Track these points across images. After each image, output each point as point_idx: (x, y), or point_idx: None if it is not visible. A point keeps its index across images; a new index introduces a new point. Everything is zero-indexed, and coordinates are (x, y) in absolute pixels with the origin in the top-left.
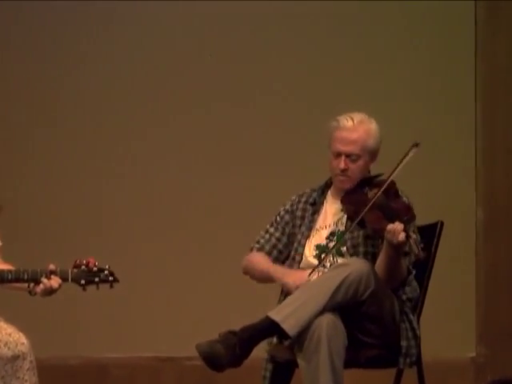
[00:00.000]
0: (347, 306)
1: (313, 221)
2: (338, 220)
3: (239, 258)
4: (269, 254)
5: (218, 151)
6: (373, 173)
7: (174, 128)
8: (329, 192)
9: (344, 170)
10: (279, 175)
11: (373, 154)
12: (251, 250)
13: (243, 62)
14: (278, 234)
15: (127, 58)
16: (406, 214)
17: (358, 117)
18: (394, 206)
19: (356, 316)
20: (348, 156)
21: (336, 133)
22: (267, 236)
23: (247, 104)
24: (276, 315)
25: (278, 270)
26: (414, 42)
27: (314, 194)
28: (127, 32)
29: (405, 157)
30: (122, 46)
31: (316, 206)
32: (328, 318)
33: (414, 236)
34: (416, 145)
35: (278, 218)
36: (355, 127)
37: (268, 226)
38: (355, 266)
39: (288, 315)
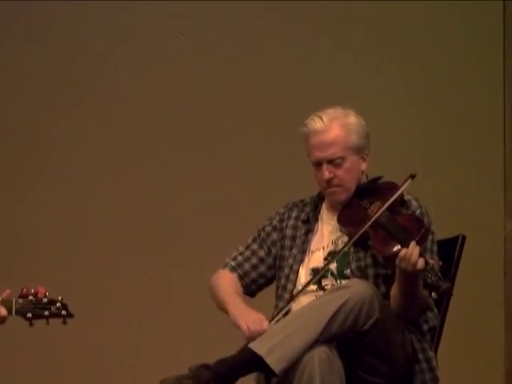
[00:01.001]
0: (346, 338)
1: (306, 242)
2: (338, 239)
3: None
4: (244, 275)
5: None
6: (371, 175)
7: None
8: (323, 206)
9: (330, 180)
10: (270, 184)
11: (360, 151)
12: (225, 266)
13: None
14: (262, 254)
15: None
16: (418, 231)
17: (328, 113)
18: (402, 222)
19: (357, 349)
20: (330, 162)
21: (309, 140)
22: (247, 253)
23: (238, 109)
24: (259, 347)
25: (235, 307)
26: (440, 44)
27: (307, 209)
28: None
29: (401, 186)
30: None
31: (309, 223)
32: (321, 352)
33: (433, 261)
34: (412, 177)
35: (263, 234)
36: (328, 126)
37: (250, 241)
38: (355, 289)
39: (273, 347)
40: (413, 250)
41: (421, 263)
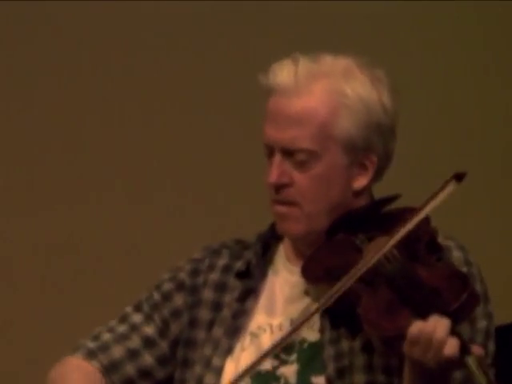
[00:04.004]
0: None
1: (241, 314)
2: (303, 310)
3: None
4: (111, 369)
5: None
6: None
7: None
8: (280, 247)
9: (279, 188)
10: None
11: (357, 151)
12: (76, 349)
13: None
14: (149, 332)
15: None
16: (457, 296)
17: (313, 62)
18: (428, 277)
19: None
20: (288, 153)
21: (268, 101)
22: (122, 329)
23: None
24: None
25: None
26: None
27: (248, 254)
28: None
29: (440, 191)
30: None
31: (250, 278)
32: None
33: (479, 350)
34: (457, 177)
35: (157, 297)
36: (301, 85)
37: (129, 310)
38: None
39: None
40: (437, 324)
41: (452, 349)
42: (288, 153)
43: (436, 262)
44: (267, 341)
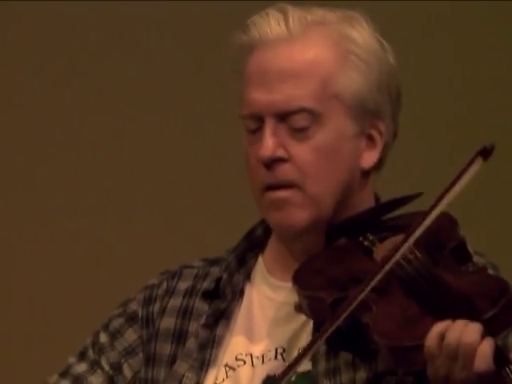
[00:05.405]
0: None
1: (211, 343)
2: (293, 335)
3: None
4: None
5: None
6: (386, 195)
7: None
8: (259, 259)
9: (275, 166)
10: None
11: (365, 115)
12: None
13: None
14: (97, 382)
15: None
16: (494, 304)
17: (305, 12)
18: (456, 282)
19: None
20: (283, 117)
21: (246, 64)
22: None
23: None
24: None
25: None
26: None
27: (215, 270)
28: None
29: (465, 170)
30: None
31: (221, 298)
32: None
33: None
34: (484, 152)
35: (104, 339)
36: (296, 32)
37: (72, 360)
38: None
39: None
40: (464, 325)
41: (485, 358)
42: (283, 117)
43: (465, 270)
44: (248, 375)
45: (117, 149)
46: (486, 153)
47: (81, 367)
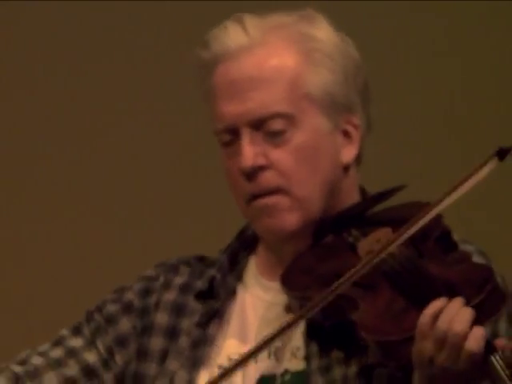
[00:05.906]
0: None
1: (203, 342)
2: (285, 337)
3: None
4: None
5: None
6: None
7: None
8: (250, 260)
9: (257, 174)
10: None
11: (338, 110)
12: None
13: None
14: (92, 360)
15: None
16: (480, 291)
17: (263, 19)
18: (441, 272)
19: None
20: (258, 126)
21: (212, 78)
22: (58, 354)
23: None
24: None
25: None
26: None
27: (209, 271)
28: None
29: (477, 170)
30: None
31: (214, 299)
32: None
33: (509, 345)
34: (500, 153)
35: (99, 319)
36: (255, 38)
37: (66, 332)
38: None
39: None
40: (456, 310)
41: (476, 341)
42: (258, 125)
43: (450, 259)
44: (241, 375)
45: (114, 147)
46: (502, 153)
47: (76, 342)
